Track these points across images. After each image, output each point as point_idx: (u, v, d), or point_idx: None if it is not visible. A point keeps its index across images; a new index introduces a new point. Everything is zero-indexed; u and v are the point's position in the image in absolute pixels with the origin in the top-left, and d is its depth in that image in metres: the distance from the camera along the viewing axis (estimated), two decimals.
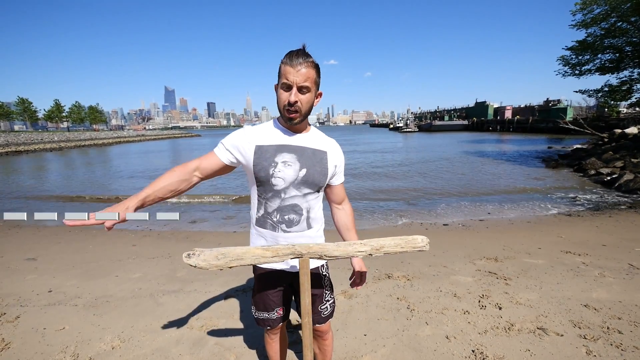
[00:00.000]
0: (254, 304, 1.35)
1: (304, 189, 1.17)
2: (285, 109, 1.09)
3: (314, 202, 1.23)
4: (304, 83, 1.06)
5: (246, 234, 5.16)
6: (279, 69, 1.09)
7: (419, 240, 1.09)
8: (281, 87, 1.08)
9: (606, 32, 13.58)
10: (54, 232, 5.33)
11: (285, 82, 1.06)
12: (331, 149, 1.25)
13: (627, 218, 5.25)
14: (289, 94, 1.07)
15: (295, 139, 1.18)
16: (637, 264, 3.23)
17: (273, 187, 1.15)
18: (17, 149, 29.15)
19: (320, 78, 1.14)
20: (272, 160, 1.14)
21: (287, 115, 1.10)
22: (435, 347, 2.02)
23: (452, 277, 3.06)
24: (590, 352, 1.91)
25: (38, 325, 2.34)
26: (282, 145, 1.16)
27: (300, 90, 1.07)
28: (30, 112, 73.36)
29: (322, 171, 1.20)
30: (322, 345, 1.46)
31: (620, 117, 28.59)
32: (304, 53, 1.07)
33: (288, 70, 1.05)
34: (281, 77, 1.08)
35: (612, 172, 8.78)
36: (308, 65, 1.06)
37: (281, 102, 1.10)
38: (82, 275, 3.33)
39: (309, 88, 1.08)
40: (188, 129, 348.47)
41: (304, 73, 1.05)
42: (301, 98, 1.08)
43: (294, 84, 1.05)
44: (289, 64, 1.05)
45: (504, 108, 65.41)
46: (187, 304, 2.65)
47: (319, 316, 1.35)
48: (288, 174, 1.15)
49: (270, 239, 1.21)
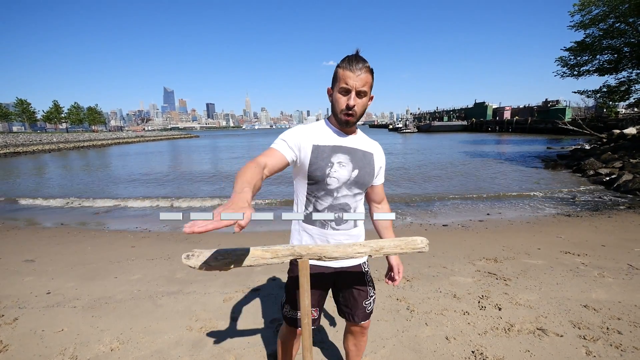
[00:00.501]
0: (289, 302, 1.32)
1: (355, 189, 1.22)
2: (342, 112, 1.13)
3: (360, 202, 1.28)
4: (362, 88, 1.09)
5: (246, 236, 5.16)
6: (336, 73, 1.12)
7: (418, 241, 1.09)
8: (339, 91, 1.11)
9: (604, 33, 13.63)
10: (53, 234, 5.32)
11: (344, 87, 1.09)
12: (376, 150, 1.29)
13: (626, 218, 5.25)
14: (348, 97, 1.10)
15: (348, 141, 1.22)
16: (636, 264, 3.23)
17: (327, 186, 1.18)
18: (15, 150, 29.08)
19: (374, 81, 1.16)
20: (329, 161, 1.17)
21: (344, 119, 1.14)
22: (435, 348, 2.02)
23: (452, 278, 3.05)
24: (590, 352, 1.91)
25: (36, 327, 2.33)
26: (337, 146, 1.19)
27: (358, 94, 1.10)
28: (28, 113, 73.26)
29: (371, 172, 1.25)
30: (359, 342, 1.47)
31: (618, 117, 28.68)
32: (362, 58, 1.10)
33: (348, 75, 1.07)
34: (339, 81, 1.10)
35: (611, 173, 8.80)
36: (366, 70, 1.09)
37: (339, 105, 1.13)
38: (81, 277, 3.32)
39: (366, 92, 1.11)
40: (187, 129, 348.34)
41: (363, 78, 1.08)
42: (358, 102, 1.11)
43: (353, 89, 1.08)
44: (348, 68, 1.07)
45: (503, 109, 65.56)
46: (186, 306, 2.65)
47: (364, 312, 1.36)
48: (342, 174, 1.18)
49: (318, 236, 1.23)
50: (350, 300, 1.35)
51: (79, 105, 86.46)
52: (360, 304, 1.34)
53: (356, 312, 1.35)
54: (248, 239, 4.76)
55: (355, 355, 1.51)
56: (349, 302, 1.35)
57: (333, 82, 1.14)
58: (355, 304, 1.34)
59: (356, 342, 1.47)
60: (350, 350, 1.51)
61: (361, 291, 1.34)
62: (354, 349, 1.49)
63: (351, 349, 1.50)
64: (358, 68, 1.07)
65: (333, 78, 1.14)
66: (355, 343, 1.47)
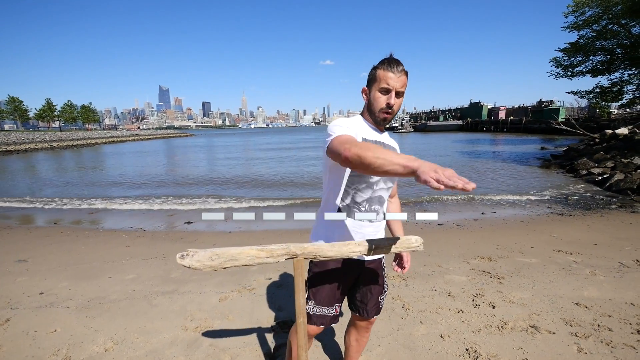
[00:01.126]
0: (313, 297, 1.29)
1: (389, 182, 1.28)
2: (382, 110, 1.19)
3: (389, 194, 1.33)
4: (401, 89, 1.16)
5: (241, 234, 5.14)
6: (375, 74, 1.17)
7: (412, 240, 1.10)
8: (379, 91, 1.17)
9: (598, 34, 13.80)
10: (46, 233, 5.25)
11: (385, 87, 1.15)
12: (396, 147, 1.36)
13: (618, 217, 5.34)
14: (388, 97, 1.16)
15: (383, 137, 1.29)
16: (627, 263, 3.28)
17: (369, 178, 1.22)
18: (7, 149, 28.65)
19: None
20: None
21: (383, 116, 1.20)
22: (429, 346, 2.03)
23: (447, 277, 3.08)
24: (582, 349, 1.94)
25: (29, 328, 2.30)
26: (378, 141, 1.25)
27: (397, 94, 1.17)
28: (20, 111, 72.17)
29: None
30: (362, 338, 1.51)
31: (611, 118, 29.07)
32: (399, 61, 1.17)
33: (389, 76, 1.14)
34: (379, 81, 1.16)
35: (603, 172, 8.91)
36: (404, 72, 1.16)
37: (378, 104, 1.18)
38: (75, 277, 3.29)
39: (403, 93, 1.19)
40: (183, 128, 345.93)
41: (402, 79, 1.15)
42: (397, 102, 1.18)
43: (394, 89, 1.15)
44: (390, 70, 1.14)
45: (497, 109, 66.05)
46: (182, 305, 2.64)
47: (377, 307, 1.41)
48: None
49: (353, 227, 1.25)
50: (367, 294, 1.38)
51: (72, 103, 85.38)
52: (376, 298, 1.39)
53: (370, 307, 1.39)
54: (243, 239, 4.75)
55: (355, 351, 1.53)
56: (366, 296, 1.38)
57: (370, 82, 1.21)
58: (372, 298, 1.38)
59: (359, 337, 1.50)
60: (351, 345, 1.53)
61: (379, 286, 1.38)
62: (355, 344, 1.52)
63: (352, 344, 1.52)
64: (398, 70, 1.14)
65: (370, 79, 1.20)
66: (358, 338, 1.51)
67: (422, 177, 0.71)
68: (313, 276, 1.32)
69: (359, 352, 1.54)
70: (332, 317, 1.31)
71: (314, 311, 1.29)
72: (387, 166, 0.82)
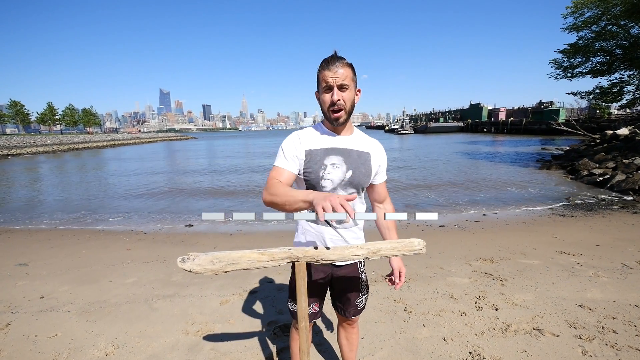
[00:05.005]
0: (291, 298, 1.37)
1: (350, 189, 1.24)
2: (330, 109, 1.16)
3: (357, 201, 1.28)
4: (343, 81, 1.12)
5: (242, 236, 5.13)
6: (317, 77, 1.17)
7: (415, 243, 1.09)
8: (323, 91, 1.16)
9: (597, 35, 13.81)
10: (47, 237, 5.25)
11: (325, 85, 1.14)
12: (374, 149, 1.30)
13: (620, 218, 5.31)
14: (331, 94, 1.14)
15: (341, 142, 1.24)
16: (630, 264, 3.26)
17: (322, 188, 1.21)
18: (8, 153, 28.72)
19: (357, 76, 1.20)
20: (322, 163, 1.21)
21: (333, 116, 1.17)
22: (432, 350, 2.02)
23: (449, 279, 3.06)
24: (586, 352, 1.92)
25: (29, 333, 2.29)
26: (330, 148, 1.22)
27: (340, 88, 1.13)
28: (22, 115, 72.46)
29: (367, 172, 1.26)
30: (350, 336, 1.52)
31: (611, 118, 29.05)
32: (337, 56, 1.14)
33: (326, 74, 1.12)
34: (321, 82, 1.15)
35: (604, 173, 8.89)
36: (343, 65, 1.13)
37: (325, 104, 1.16)
38: (75, 281, 3.28)
39: (348, 85, 1.14)
40: (183, 131, 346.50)
41: (342, 72, 1.12)
42: (343, 95, 1.14)
43: (334, 84, 1.12)
44: (326, 68, 1.12)
45: (497, 110, 66.02)
46: (183, 309, 2.62)
47: (355, 309, 1.41)
48: (336, 175, 1.21)
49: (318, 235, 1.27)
50: (343, 297, 1.40)
51: (73, 106, 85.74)
52: (352, 301, 1.39)
53: (348, 309, 1.40)
54: (245, 241, 4.74)
55: (348, 350, 1.55)
56: (342, 299, 1.40)
57: (317, 86, 1.19)
58: (348, 301, 1.39)
59: (347, 335, 1.52)
60: (343, 344, 1.55)
61: (354, 290, 1.38)
62: (346, 343, 1.54)
63: (344, 343, 1.54)
64: (335, 65, 1.11)
65: (317, 83, 1.19)
66: (347, 336, 1.52)
67: (316, 207, 0.84)
68: (291, 279, 1.38)
69: (352, 350, 1.55)
70: (311, 314, 1.37)
71: (294, 308, 1.36)
72: (294, 204, 0.97)
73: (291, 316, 1.43)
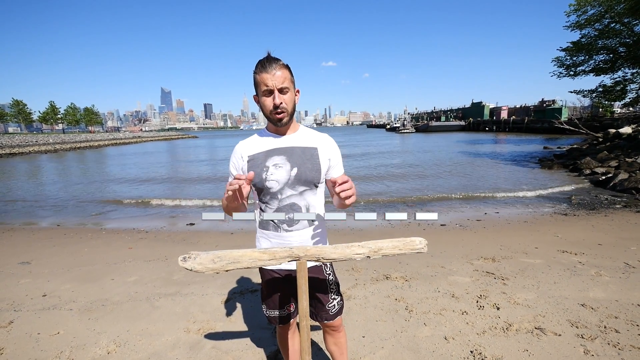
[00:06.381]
0: (265, 303, 1.41)
1: (299, 187, 1.22)
2: (272, 113, 1.16)
3: (312, 199, 1.26)
4: (282, 84, 1.13)
5: (243, 235, 5.14)
6: (255, 80, 1.16)
7: (416, 242, 1.09)
8: (263, 95, 1.15)
9: (600, 33, 13.72)
10: (49, 235, 5.27)
11: (265, 89, 1.13)
12: (322, 143, 1.28)
13: (622, 217, 5.29)
14: (272, 97, 1.14)
15: (283, 141, 1.24)
16: (632, 263, 3.25)
17: (269, 190, 1.21)
18: (11, 151, 28.85)
19: (294, 76, 1.21)
20: (264, 166, 1.21)
21: (276, 117, 1.17)
22: (433, 348, 2.02)
23: (450, 278, 3.06)
24: (588, 351, 1.91)
25: (32, 330, 2.31)
26: (271, 149, 1.23)
27: (281, 91, 1.14)
28: (24, 114, 72.77)
29: (314, 167, 1.23)
30: (338, 340, 1.49)
31: (614, 117, 28.87)
32: (273, 58, 1.14)
33: (265, 77, 1.11)
34: (260, 85, 1.14)
35: (607, 172, 8.84)
36: (281, 67, 1.13)
37: (267, 108, 1.16)
38: (77, 279, 3.30)
39: (288, 88, 1.15)
40: (185, 130, 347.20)
41: (280, 75, 1.12)
42: (284, 98, 1.15)
43: (274, 88, 1.12)
44: (263, 71, 1.11)
45: (499, 108, 65.74)
46: (184, 307, 2.63)
47: (327, 314, 1.38)
48: (280, 175, 1.21)
49: (274, 238, 1.27)
50: (313, 301, 1.37)
51: (75, 106, 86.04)
52: (323, 306, 1.37)
53: (320, 313, 1.38)
54: (245, 241, 4.75)
55: (339, 354, 1.50)
56: (311, 301, 1.37)
57: (255, 89, 1.18)
58: (319, 305, 1.37)
59: (335, 340, 1.48)
60: (332, 350, 1.50)
61: (322, 292, 1.35)
62: (335, 349, 1.49)
63: (333, 349, 1.49)
64: (272, 68, 1.11)
65: (254, 86, 1.17)
66: (335, 342, 1.48)
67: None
68: (262, 283, 1.42)
69: (342, 354, 1.51)
70: (287, 315, 1.42)
71: (268, 313, 1.43)
72: (230, 204, 1.12)
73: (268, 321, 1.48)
